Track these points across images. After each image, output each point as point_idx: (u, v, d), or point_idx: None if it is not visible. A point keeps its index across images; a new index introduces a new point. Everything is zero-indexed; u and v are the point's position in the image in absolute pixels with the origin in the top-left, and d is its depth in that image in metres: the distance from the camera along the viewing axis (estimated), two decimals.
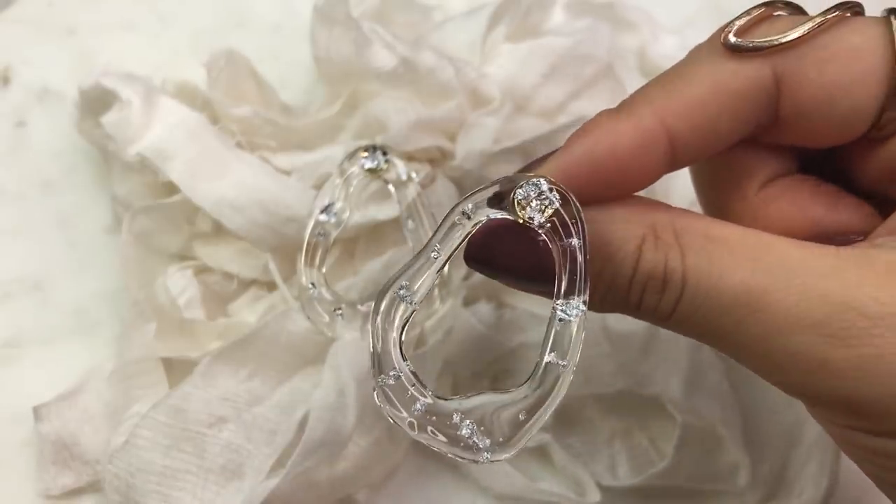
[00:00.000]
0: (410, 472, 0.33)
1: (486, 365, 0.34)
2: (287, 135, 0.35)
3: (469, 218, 0.22)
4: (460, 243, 0.22)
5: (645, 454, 0.33)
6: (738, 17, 0.22)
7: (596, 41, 0.37)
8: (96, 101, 0.34)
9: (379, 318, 0.22)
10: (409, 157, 0.34)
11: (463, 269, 0.34)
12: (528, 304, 0.34)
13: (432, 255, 0.22)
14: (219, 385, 0.31)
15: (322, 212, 0.31)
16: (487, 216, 0.22)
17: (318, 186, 0.33)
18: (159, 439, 0.29)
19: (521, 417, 0.21)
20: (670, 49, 0.40)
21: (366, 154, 0.32)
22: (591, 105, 0.36)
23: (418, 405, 0.21)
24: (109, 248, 0.36)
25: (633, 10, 0.40)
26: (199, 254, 0.34)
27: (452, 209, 0.22)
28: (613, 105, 0.23)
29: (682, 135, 0.22)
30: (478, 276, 0.34)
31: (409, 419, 0.21)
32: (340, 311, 0.31)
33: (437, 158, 0.35)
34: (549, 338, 0.21)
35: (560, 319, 0.21)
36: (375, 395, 0.22)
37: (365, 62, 0.33)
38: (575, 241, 0.21)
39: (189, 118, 0.33)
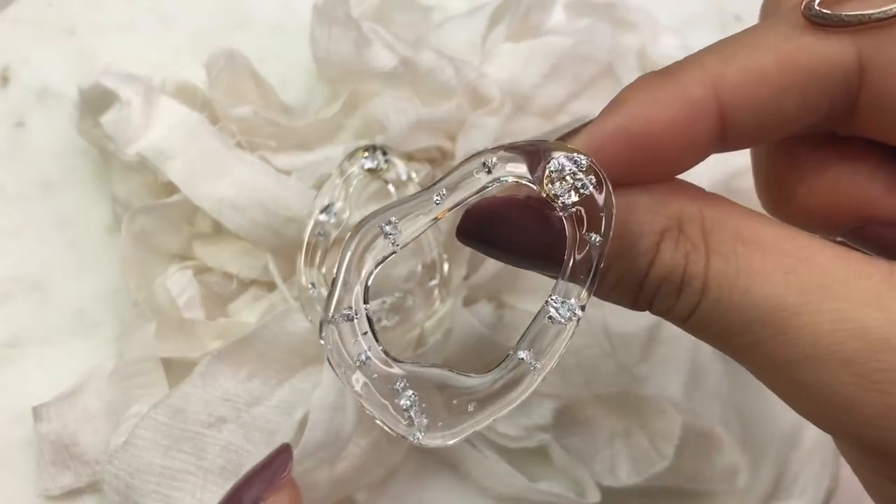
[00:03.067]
0: (410, 473, 0.33)
1: (486, 365, 0.34)
2: (287, 135, 0.35)
3: (489, 172, 0.19)
4: (468, 197, 0.19)
5: (645, 454, 0.33)
6: None
7: (596, 41, 0.37)
8: (96, 101, 0.34)
9: (352, 247, 0.19)
10: (409, 157, 0.34)
11: (463, 269, 0.34)
12: (528, 304, 0.34)
13: (434, 198, 0.19)
14: (218, 385, 0.31)
15: (322, 212, 0.31)
16: (505, 179, 0.19)
17: (318, 186, 0.33)
18: (159, 440, 0.29)
19: (470, 409, 0.19)
20: (671, 49, 0.40)
21: (366, 154, 0.32)
22: (591, 105, 0.36)
23: (363, 355, 0.19)
24: (109, 248, 0.36)
25: (634, 10, 0.40)
26: (199, 254, 0.34)
27: (474, 156, 0.19)
28: None
29: (737, 111, 0.18)
30: (478, 276, 0.34)
31: (349, 367, 0.19)
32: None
33: (437, 158, 0.35)
34: (529, 331, 0.19)
35: (549, 317, 0.19)
36: (320, 331, 0.19)
37: (365, 62, 0.33)
38: (596, 238, 0.18)
39: (189, 118, 0.33)
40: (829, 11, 0.18)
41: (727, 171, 0.35)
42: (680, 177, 0.20)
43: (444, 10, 0.41)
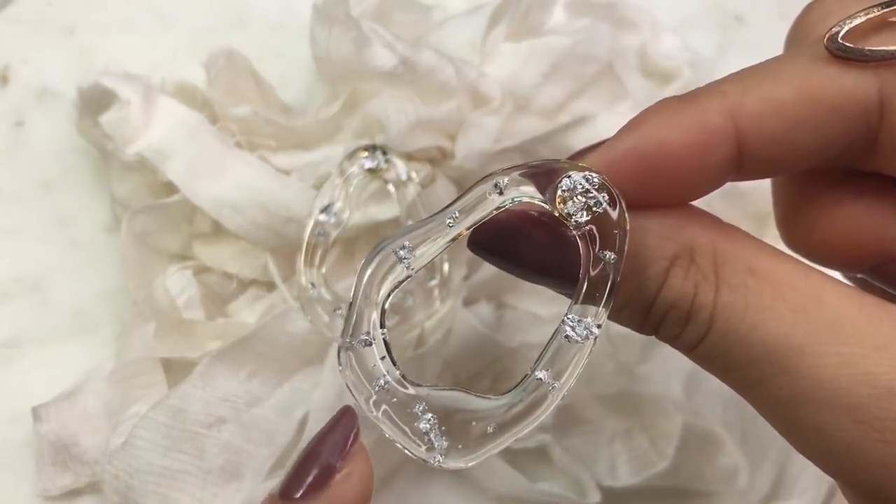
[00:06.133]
0: (410, 473, 0.33)
1: (486, 365, 0.34)
2: (287, 134, 0.35)
3: (501, 193, 0.19)
4: (482, 219, 0.19)
5: (645, 455, 0.33)
6: (853, 16, 0.18)
7: (596, 40, 0.36)
8: (95, 101, 0.34)
9: (367, 274, 0.19)
10: (409, 157, 0.34)
11: (463, 269, 0.34)
12: (528, 304, 0.34)
13: (447, 221, 0.19)
14: (218, 385, 0.31)
15: (322, 212, 0.31)
16: (518, 199, 0.19)
17: (318, 186, 0.33)
18: (158, 440, 0.29)
19: (490, 430, 0.18)
20: (671, 49, 0.40)
21: (366, 154, 0.32)
22: (591, 105, 0.36)
23: (382, 380, 0.19)
24: (109, 248, 0.36)
25: (634, 9, 0.40)
26: (199, 254, 0.34)
27: (485, 178, 0.19)
28: (613, 105, 0.20)
29: (754, 140, 0.18)
30: (478, 276, 0.34)
31: (367, 393, 0.19)
32: (340, 311, 0.31)
33: (437, 158, 0.35)
34: (546, 351, 0.18)
35: (566, 336, 0.18)
36: (339, 358, 0.19)
37: (365, 62, 0.33)
38: (610, 256, 0.18)
39: (188, 118, 0.33)
40: (852, 45, 0.17)
41: None
42: None
43: (444, 9, 0.41)
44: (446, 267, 0.32)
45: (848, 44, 0.18)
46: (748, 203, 0.35)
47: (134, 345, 0.32)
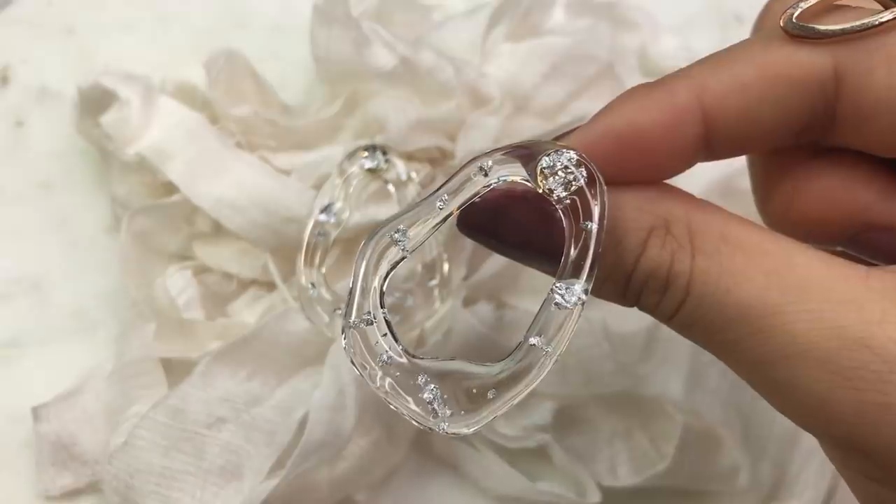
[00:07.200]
0: (410, 473, 0.33)
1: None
2: (287, 135, 0.35)
3: (485, 175, 0.20)
4: (469, 199, 0.20)
5: (645, 455, 0.33)
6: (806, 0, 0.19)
7: (596, 41, 0.37)
8: (95, 101, 0.34)
9: (366, 257, 0.21)
10: (409, 157, 0.34)
11: (463, 269, 0.34)
12: (528, 304, 0.34)
13: (438, 204, 0.20)
14: (218, 385, 0.31)
15: (322, 212, 0.31)
16: (503, 179, 0.20)
17: (318, 186, 0.33)
18: (158, 440, 0.29)
19: (490, 395, 0.20)
20: (671, 49, 0.40)
21: (366, 154, 0.32)
22: (591, 105, 0.36)
23: (385, 356, 0.20)
24: (109, 248, 0.36)
25: (634, 10, 0.40)
26: (199, 254, 0.34)
27: (470, 161, 0.20)
28: None
29: (720, 119, 0.19)
30: (478, 276, 0.34)
31: (372, 369, 0.20)
32: (340, 311, 0.31)
33: (437, 158, 0.35)
34: (538, 319, 0.20)
35: (556, 303, 0.19)
36: (343, 338, 0.20)
37: (365, 62, 0.33)
38: (592, 226, 0.19)
39: (188, 118, 0.33)
40: (805, 24, 0.19)
41: (727, 170, 0.35)
42: (676, 180, 0.21)
43: (444, 9, 0.41)
44: (446, 267, 0.33)
45: (802, 23, 0.19)
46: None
47: (134, 345, 0.32)
